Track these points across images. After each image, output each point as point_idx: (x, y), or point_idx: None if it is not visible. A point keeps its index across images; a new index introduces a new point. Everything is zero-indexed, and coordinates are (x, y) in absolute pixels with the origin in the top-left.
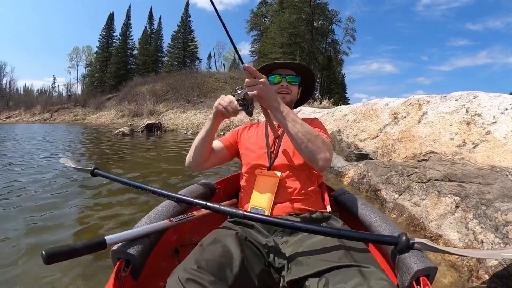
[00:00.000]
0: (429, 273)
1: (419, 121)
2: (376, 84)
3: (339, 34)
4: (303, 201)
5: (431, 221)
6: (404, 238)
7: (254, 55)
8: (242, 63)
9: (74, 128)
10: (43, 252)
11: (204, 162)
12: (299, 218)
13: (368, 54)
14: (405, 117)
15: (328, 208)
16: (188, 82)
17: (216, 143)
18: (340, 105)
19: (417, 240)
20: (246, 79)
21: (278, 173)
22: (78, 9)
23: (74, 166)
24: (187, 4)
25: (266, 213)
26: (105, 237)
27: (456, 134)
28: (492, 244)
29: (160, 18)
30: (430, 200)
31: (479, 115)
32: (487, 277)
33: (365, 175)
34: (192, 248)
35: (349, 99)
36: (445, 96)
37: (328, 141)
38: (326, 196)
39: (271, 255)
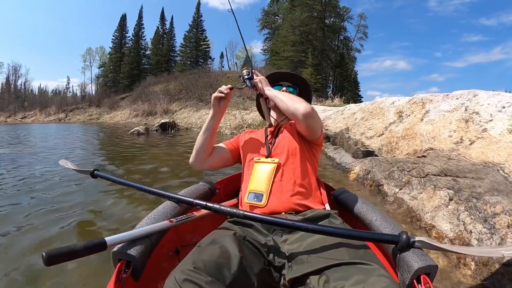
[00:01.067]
0: (430, 271)
1: (422, 119)
2: (390, 81)
3: (351, 31)
4: (301, 193)
5: (426, 213)
6: (404, 236)
7: (266, 54)
8: (252, 67)
9: (90, 128)
10: (44, 253)
11: (207, 158)
12: (298, 216)
13: (381, 51)
14: (409, 115)
15: (328, 207)
16: (201, 81)
17: (220, 145)
18: (352, 103)
19: (417, 238)
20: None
21: (276, 159)
22: (90, 11)
23: (73, 168)
24: (199, 4)
25: (264, 197)
26: (106, 238)
27: (455, 132)
28: (479, 234)
29: (172, 18)
30: (426, 194)
31: (477, 113)
32: (487, 274)
33: (369, 171)
34: (192, 249)
35: (362, 97)
36: (447, 95)
37: (309, 105)
38: (326, 194)
39: (271, 254)
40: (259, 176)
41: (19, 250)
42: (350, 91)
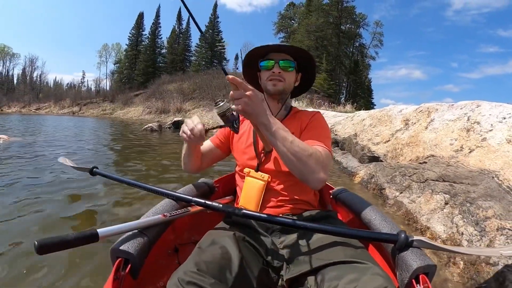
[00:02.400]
0: (429, 271)
1: (426, 127)
2: (404, 90)
3: (366, 38)
4: (294, 204)
5: (423, 215)
6: (403, 236)
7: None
8: (226, 74)
9: (105, 122)
10: (36, 242)
11: (198, 168)
12: (296, 217)
13: (396, 59)
14: (415, 123)
15: (326, 206)
16: (215, 82)
17: (207, 145)
18: (363, 110)
19: (416, 238)
20: (231, 92)
21: (266, 176)
22: (108, 8)
23: (72, 165)
24: (216, 6)
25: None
26: (98, 230)
27: (456, 140)
28: (470, 235)
29: (188, 18)
30: (424, 197)
31: (478, 123)
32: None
33: (373, 175)
34: (191, 247)
35: (375, 105)
36: (452, 105)
37: (323, 157)
38: (325, 194)
39: (269, 255)
40: (249, 192)
41: (16, 252)
42: (363, 98)
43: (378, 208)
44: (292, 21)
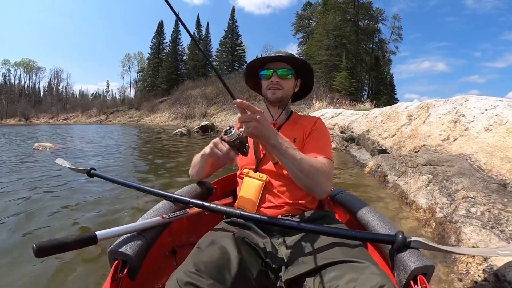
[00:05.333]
0: (426, 271)
1: (424, 121)
2: (428, 84)
3: (385, 33)
4: (292, 204)
5: (411, 192)
6: (400, 236)
7: (301, 58)
8: (234, 98)
9: (135, 129)
10: (34, 245)
11: (207, 176)
12: (295, 218)
13: (418, 52)
14: (416, 118)
15: (325, 207)
16: (238, 85)
17: None
18: (380, 107)
19: (414, 238)
20: (239, 116)
21: (264, 176)
22: (128, 19)
23: (70, 167)
24: (233, 10)
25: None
26: (96, 232)
27: (444, 131)
28: (442, 204)
29: (207, 24)
30: (414, 179)
31: (464, 115)
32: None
33: (380, 165)
34: (189, 248)
35: (398, 100)
36: (447, 100)
37: (328, 168)
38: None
39: (268, 256)
40: (246, 192)
41: (14, 252)
42: (386, 94)
43: (380, 190)
44: (310, 21)
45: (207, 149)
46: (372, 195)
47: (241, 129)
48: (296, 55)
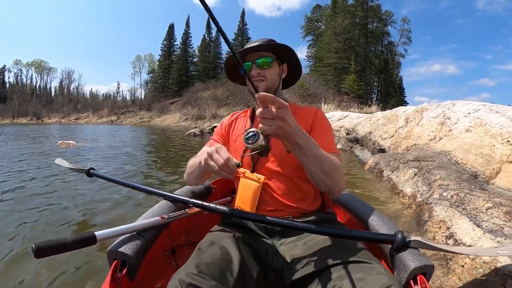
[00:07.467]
0: (426, 271)
1: (418, 124)
2: (438, 87)
3: (394, 35)
4: (292, 206)
5: (400, 184)
6: (400, 236)
7: (311, 60)
8: (256, 92)
9: (147, 130)
10: (33, 245)
11: (203, 182)
12: (295, 219)
13: (428, 54)
14: (412, 121)
15: (325, 208)
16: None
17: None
18: (386, 110)
19: (413, 238)
20: (260, 111)
21: (262, 177)
22: (139, 20)
23: (69, 167)
24: (243, 13)
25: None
26: (95, 232)
27: (432, 132)
28: (422, 191)
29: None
30: (403, 173)
31: (449, 118)
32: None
33: (378, 162)
34: (188, 248)
35: (407, 103)
36: (439, 104)
37: (341, 166)
38: (323, 195)
39: (269, 257)
40: (244, 194)
41: (13, 253)
42: (395, 97)
43: (377, 183)
44: (319, 24)
45: (202, 161)
46: (370, 187)
47: (260, 126)
48: (275, 40)
